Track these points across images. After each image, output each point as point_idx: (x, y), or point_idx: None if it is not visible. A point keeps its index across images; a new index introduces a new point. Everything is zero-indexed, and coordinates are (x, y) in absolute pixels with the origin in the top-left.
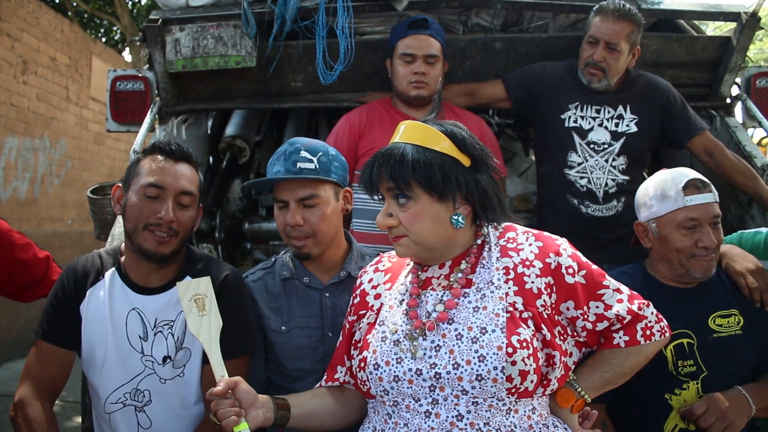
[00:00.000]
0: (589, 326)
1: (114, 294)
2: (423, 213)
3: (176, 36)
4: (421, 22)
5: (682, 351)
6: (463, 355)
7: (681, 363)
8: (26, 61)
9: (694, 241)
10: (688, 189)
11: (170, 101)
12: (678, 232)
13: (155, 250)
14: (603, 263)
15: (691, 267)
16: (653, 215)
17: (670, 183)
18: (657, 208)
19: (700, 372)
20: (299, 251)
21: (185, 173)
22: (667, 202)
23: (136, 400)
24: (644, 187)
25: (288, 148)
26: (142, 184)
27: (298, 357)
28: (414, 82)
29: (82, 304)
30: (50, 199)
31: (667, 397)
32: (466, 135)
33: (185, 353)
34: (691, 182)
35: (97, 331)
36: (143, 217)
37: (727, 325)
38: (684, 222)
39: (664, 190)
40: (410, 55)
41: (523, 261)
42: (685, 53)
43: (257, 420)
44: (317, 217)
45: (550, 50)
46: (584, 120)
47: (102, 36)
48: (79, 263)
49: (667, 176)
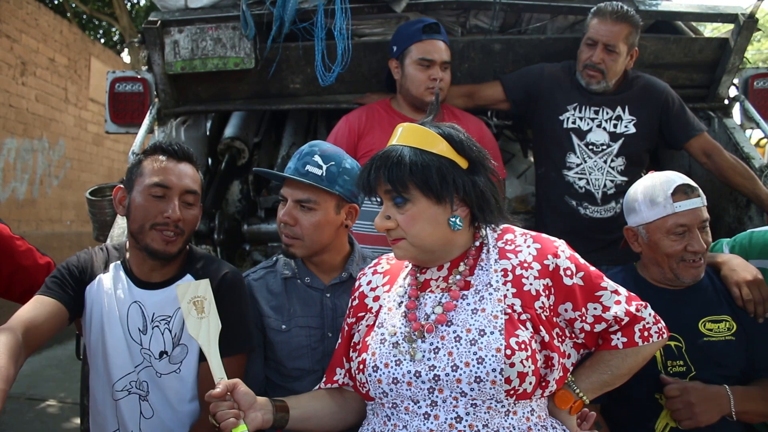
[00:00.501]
0: (587, 328)
1: (117, 285)
2: (421, 215)
3: (175, 38)
4: (435, 26)
5: (671, 352)
6: (462, 357)
7: (670, 363)
8: (25, 62)
9: (683, 246)
10: (677, 195)
11: (169, 103)
12: (668, 238)
13: (163, 250)
14: (601, 264)
15: (681, 271)
16: (642, 221)
17: (658, 189)
18: (646, 214)
19: (688, 372)
20: (286, 249)
21: (188, 172)
22: (656, 208)
23: (140, 389)
24: (632, 191)
25: (306, 149)
26: (147, 184)
27: (298, 356)
28: (432, 87)
29: (89, 285)
30: (49, 200)
31: (657, 397)
32: (464, 137)
33: (182, 350)
34: (680, 188)
35: (105, 318)
36: (150, 217)
37: (718, 330)
38: (673, 228)
39: (652, 196)
40: (429, 61)
41: (521, 263)
42: (683, 54)
43: (256, 422)
44: (309, 222)
45: (549, 52)
46: (583, 121)
47: (101, 37)
48: (94, 251)
49: (655, 181)
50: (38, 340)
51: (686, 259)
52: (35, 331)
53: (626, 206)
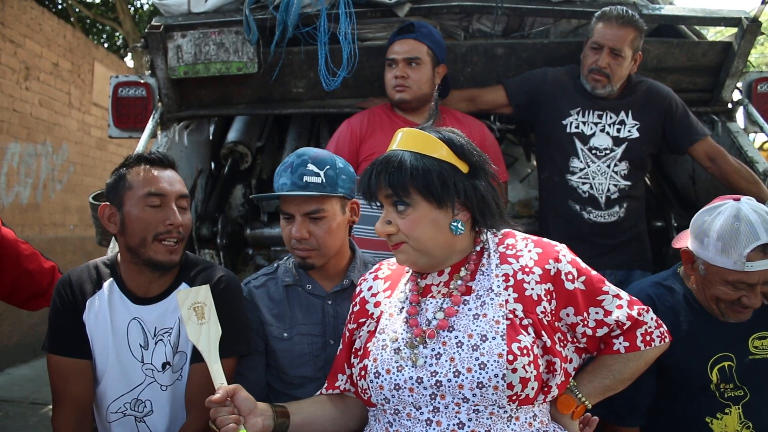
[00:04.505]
0: (589, 332)
1: (113, 304)
2: (422, 220)
3: (178, 42)
4: (408, 27)
5: (724, 373)
6: (464, 362)
7: (723, 386)
8: (29, 67)
9: (738, 296)
10: (754, 253)
11: (172, 107)
12: (725, 286)
13: (168, 260)
14: (605, 269)
15: (725, 311)
16: (707, 259)
17: (735, 241)
18: (713, 256)
19: (742, 396)
20: (303, 262)
21: (176, 177)
22: (725, 258)
23: (137, 411)
24: (708, 221)
25: (295, 160)
26: (142, 194)
27: (300, 364)
28: (396, 86)
29: (84, 314)
30: (52, 205)
31: (708, 421)
32: (464, 141)
33: (181, 357)
34: (760, 247)
35: (98, 342)
36: (151, 228)
37: (762, 347)
38: (736, 283)
39: (727, 243)
40: (392, 60)
41: (522, 268)
42: (686, 59)
43: (256, 427)
44: (323, 231)
45: (552, 56)
46: (586, 125)
47: (104, 42)
48: (73, 275)
49: (736, 228)
50: (90, 402)
51: (735, 305)
52: (86, 400)
53: (694, 230)
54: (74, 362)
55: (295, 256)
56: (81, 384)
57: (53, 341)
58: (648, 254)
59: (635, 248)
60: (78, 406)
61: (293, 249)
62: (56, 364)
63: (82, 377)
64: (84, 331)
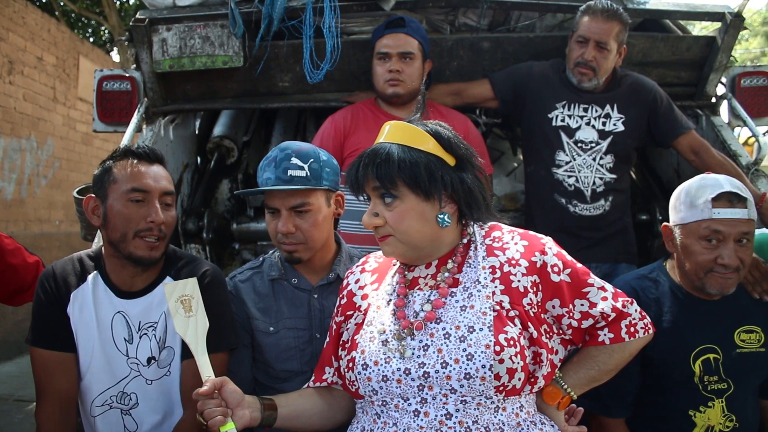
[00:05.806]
0: (574, 324)
1: (98, 298)
2: (409, 212)
3: (163, 36)
4: (398, 21)
5: (709, 366)
6: (452, 354)
7: (707, 379)
8: (12, 60)
9: (714, 257)
10: (719, 201)
11: (157, 101)
12: (699, 244)
13: (148, 256)
14: (591, 262)
15: (707, 282)
16: (680, 221)
17: (701, 191)
18: (684, 215)
19: (726, 389)
20: (290, 256)
21: (162, 174)
22: (694, 210)
23: (122, 403)
24: (679, 189)
25: (279, 155)
26: (125, 189)
27: (286, 358)
28: (390, 80)
29: (68, 307)
30: (37, 200)
31: (691, 414)
32: (451, 135)
33: (169, 352)
34: (724, 195)
35: (82, 335)
36: (132, 223)
37: (749, 341)
38: (706, 234)
39: (694, 197)
40: (385, 54)
41: (509, 260)
42: (670, 53)
43: (244, 420)
44: (309, 224)
45: (537, 50)
46: (572, 119)
47: (90, 36)
48: (57, 267)
49: (702, 183)
50: (74, 397)
51: (715, 270)
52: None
53: (671, 203)
54: (58, 355)
55: (282, 251)
56: (65, 377)
57: (37, 334)
58: (633, 247)
59: (621, 241)
60: (62, 400)
61: (280, 243)
62: (40, 357)
63: (66, 371)
64: (68, 324)
